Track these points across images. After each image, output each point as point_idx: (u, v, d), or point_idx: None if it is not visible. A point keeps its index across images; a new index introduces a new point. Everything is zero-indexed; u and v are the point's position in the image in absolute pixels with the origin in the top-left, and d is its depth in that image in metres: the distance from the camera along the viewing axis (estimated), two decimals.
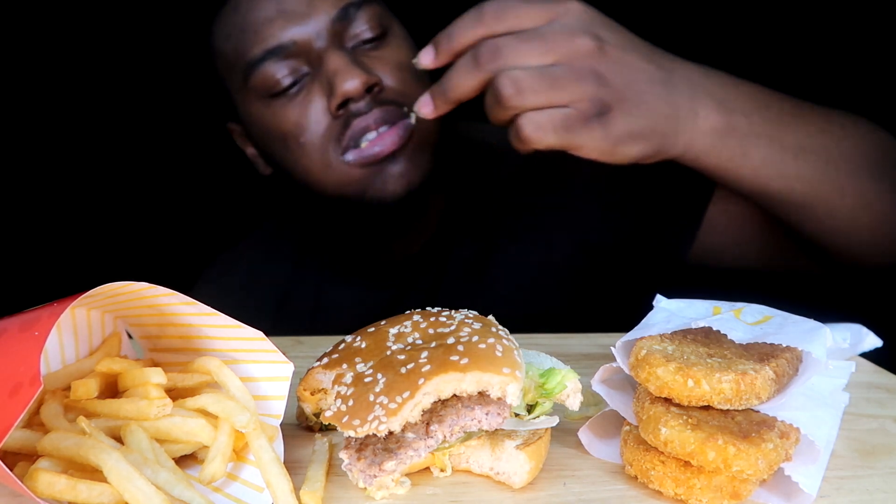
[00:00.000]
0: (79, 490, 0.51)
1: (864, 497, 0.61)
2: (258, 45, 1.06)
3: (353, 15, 1.06)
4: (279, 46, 1.05)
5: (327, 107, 1.04)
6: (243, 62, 1.08)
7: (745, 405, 0.60)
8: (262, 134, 1.13)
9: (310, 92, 1.06)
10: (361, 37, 1.07)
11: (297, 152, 1.08)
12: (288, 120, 1.07)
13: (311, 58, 1.06)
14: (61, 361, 0.66)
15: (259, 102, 1.09)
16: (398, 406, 0.56)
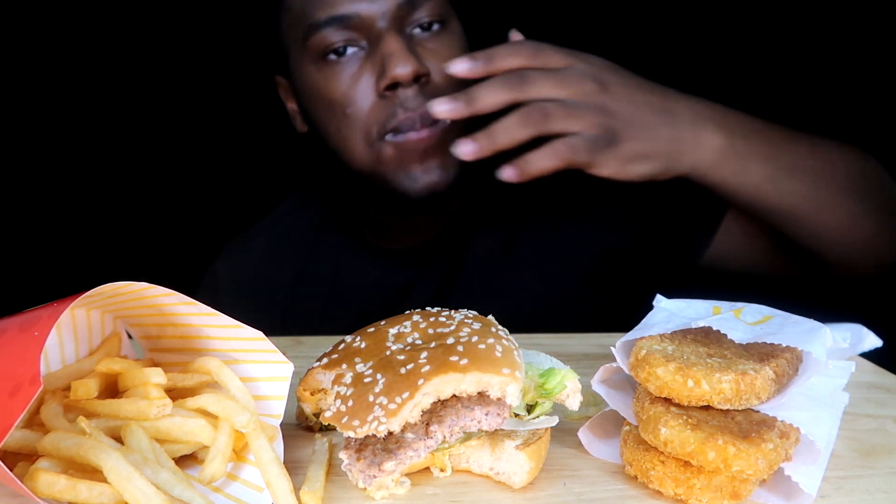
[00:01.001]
0: (79, 490, 0.51)
1: (864, 497, 0.61)
2: (324, 10, 1.10)
3: (418, 2, 1.11)
4: (343, 16, 1.09)
5: (375, 85, 1.10)
6: (306, 22, 1.12)
7: (745, 405, 0.60)
8: (310, 94, 1.18)
9: (362, 67, 1.11)
10: (420, 22, 1.12)
11: (340, 121, 1.13)
12: (338, 88, 1.12)
13: (370, 34, 1.10)
14: (61, 361, 0.66)
15: (313, 64, 1.14)
16: (398, 407, 0.56)
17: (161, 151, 2.13)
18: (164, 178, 2.14)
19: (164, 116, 2.10)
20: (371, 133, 1.11)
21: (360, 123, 1.11)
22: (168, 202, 2.14)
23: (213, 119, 2.07)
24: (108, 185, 2.11)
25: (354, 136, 1.13)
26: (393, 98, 1.09)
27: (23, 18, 2.01)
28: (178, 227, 2.10)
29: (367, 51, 1.11)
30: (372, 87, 1.10)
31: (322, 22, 1.10)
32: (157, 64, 2.05)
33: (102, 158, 2.11)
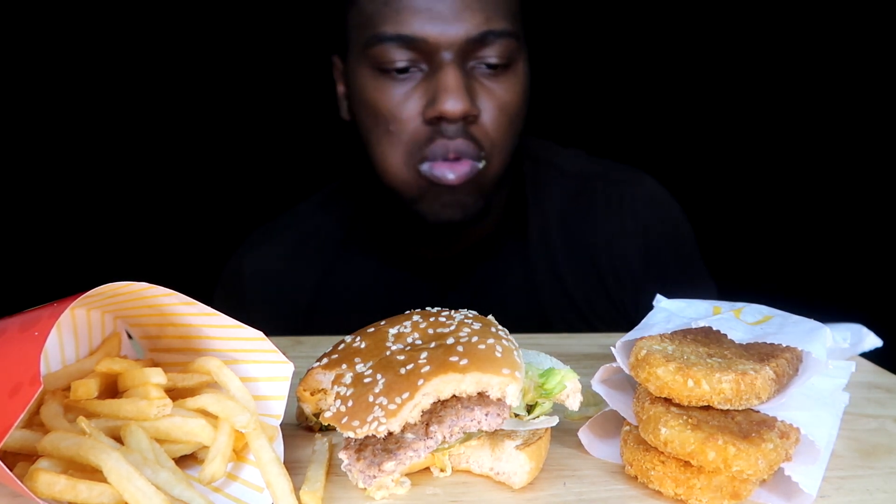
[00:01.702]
0: (79, 490, 0.51)
1: (864, 497, 0.61)
2: (392, 25, 1.09)
3: (489, 41, 1.10)
4: (411, 37, 1.08)
5: (423, 112, 1.10)
6: (372, 31, 1.11)
7: (745, 405, 0.60)
8: (359, 98, 1.18)
9: (416, 89, 1.11)
10: (485, 60, 1.11)
11: (382, 134, 1.14)
12: (387, 103, 1.12)
13: (431, 60, 1.10)
14: (61, 361, 0.66)
15: (369, 71, 1.14)
16: (397, 407, 0.56)
17: (166, 148, 2.13)
18: (168, 175, 2.14)
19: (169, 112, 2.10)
20: (408, 155, 1.12)
21: (401, 143, 1.12)
22: (171, 200, 2.14)
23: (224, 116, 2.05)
24: (109, 183, 2.11)
25: (393, 153, 1.13)
26: (437, 129, 1.09)
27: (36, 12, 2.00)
28: (181, 225, 2.09)
29: (425, 74, 1.11)
30: (419, 112, 1.10)
31: (388, 36, 1.09)
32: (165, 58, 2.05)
33: (104, 156, 2.11)
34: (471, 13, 1.08)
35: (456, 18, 1.07)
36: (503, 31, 1.10)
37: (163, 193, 2.13)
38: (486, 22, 1.08)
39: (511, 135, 1.14)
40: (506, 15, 1.11)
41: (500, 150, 1.14)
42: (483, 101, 1.10)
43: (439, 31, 1.07)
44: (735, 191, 1.98)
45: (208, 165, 2.08)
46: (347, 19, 1.17)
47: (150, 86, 2.09)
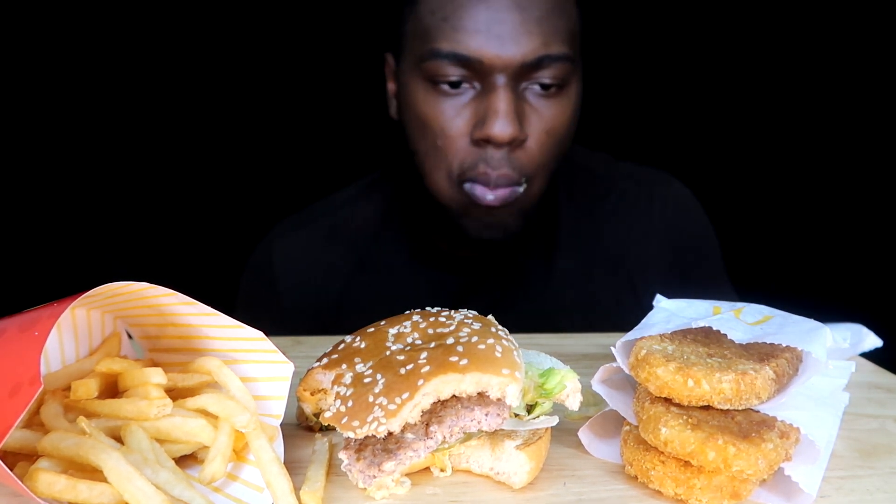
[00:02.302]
0: (79, 490, 0.51)
1: (864, 497, 0.61)
2: (449, 42, 1.09)
3: (544, 65, 1.10)
4: (466, 56, 1.08)
5: (471, 131, 1.10)
6: (429, 46, 1.11)
7: (745, 405, 0.60)
8: (409, 106, 1.18)
9: (465, 107, 1.11)
10: (538, 80, 1.11)
11: (430, 147, 1.14)
12: (437, 117, 1.12)
13: (485, 81, 1.10)
14: (61, 361, 0.66)
15: (421, 83, 1.13)
16: (397, 407, 0.55)
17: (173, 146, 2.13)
18: (164, 178, 2.14)
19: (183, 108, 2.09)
20: (452, 172, 1.12)
21: (446, 159, 1.12)
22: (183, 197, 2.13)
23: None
24: (110, 182, 2.11)
25: (438, 167, 1.14)
26: (483, 149, 1.10)
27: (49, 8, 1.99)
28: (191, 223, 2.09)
29: (477, 92, 1.11)
30: (467, 130, 1.10)
31: (443, 53, 1.09)
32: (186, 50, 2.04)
33: (102, 157, 2.11)
34: (528, 37, 1.07)
35: (513, 41, 1.07)
36: (559, 56, 1.10)
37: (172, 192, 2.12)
38: (543, 46, 1.08)
39: (556, 156, 1.15)
40: (564, 38, 1.11)
41: (543, 171, 1.14)
42: (532, 124, 1.11)
43: (495, 52, 1.07)
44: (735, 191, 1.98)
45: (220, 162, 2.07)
46: (405, 26, 1.17)
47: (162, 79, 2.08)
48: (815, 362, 0.63)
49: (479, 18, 1.07)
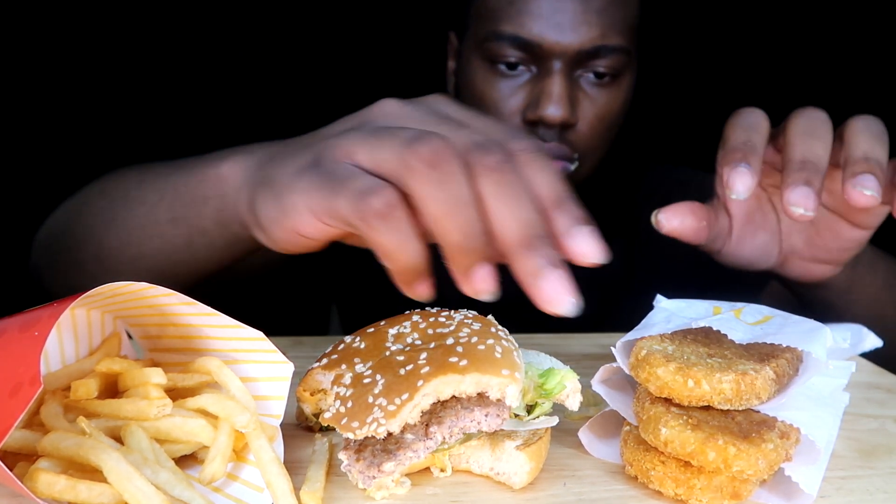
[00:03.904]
0: (79, 490, 0.51)
1: (864, 497, 0.61)
2: (511, 25, 1.11)
3: (601, 55, 1.12)
4: (527, 40, 1.10)
5: (523, 111, 1.13)
6: (491, 28, 1.13)
7: (745, 405, 0.60)
8: (466, 84, 1.21)
9: (521, 88, 1.14)
10: (593, 69, 1.13)
11: None
12: (492, 96, 1.15)
13: (541, 65, 1.12)
14: (61, 361, 0.66)
15: (479, 61, 1.16)
16: (397, 408, 0.55)
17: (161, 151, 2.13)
18: None
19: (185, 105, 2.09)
20: None
21: None
22: None
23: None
24: None
25: None
26: (534, 130, 1.12)
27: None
28: None
29: (533, 75, 1.13)
30: (520, 110, 1.13)
31: (505, 35, 1.11)
32: None
33: (106, 154, 2.11)
34: (588, 26, 1.09)
35: (573, 29, 1.09)
36: (616, 47, 1.12)
37: None
38: (601, 37, 1.10)
39: (605, 141, 1.18)
40: (622, 30, 1.13)
41: (592, 155, 1.17)
42: (583, 110, 1.13)
43: (555, 39, 1.09)
44: None
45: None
46: (471, 7, 1.20)
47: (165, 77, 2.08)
48: (816, 362, 0.63)
49: (542, 4, 1.10)
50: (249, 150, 0.75)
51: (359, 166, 0.55)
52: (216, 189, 0.77)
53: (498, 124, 0.60)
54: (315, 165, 0.57)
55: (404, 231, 0.52)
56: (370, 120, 0.61)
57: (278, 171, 0.62)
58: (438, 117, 0.59)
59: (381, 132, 0.55)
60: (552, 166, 0.56)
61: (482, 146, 0.53)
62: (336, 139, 0.58)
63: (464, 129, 0.56)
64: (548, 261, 0.50)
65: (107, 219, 0.93)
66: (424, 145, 0.51)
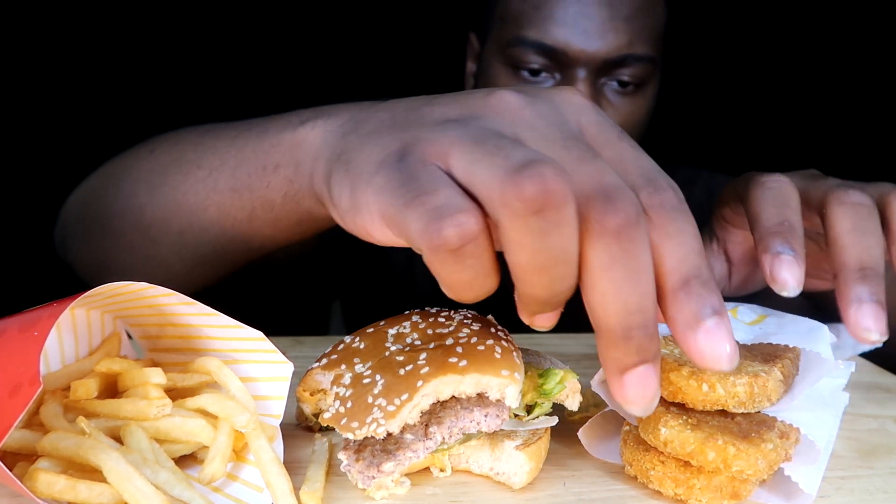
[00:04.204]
0: (78, 490, 0.51)
1: (864, 497, 0.61)
2: (536, 31, 1.08)
3: (627, 64, 1.09)
4: (552, 47, 1.07)
5: None
6: (515, 33, 1.10)
7: (757, 408, 0.59)
8: (487, 85, 1.17)
9: None
10: (618, 78, 1.11)
11: None
12: None
13: (566, 73, 1.09)
14: (61, 361, 0.66)
15: (502, 66, 1.13)
16: (396, 409, 0.55)
17: None
18: None
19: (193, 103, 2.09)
20: None
21: None
22: None
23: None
24: None
25: None
26: None
27: None
28: None
29: (556, 83, 1.10)
30: None
31: (529, 41, 1.09)
32: None
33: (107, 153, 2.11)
34: (615, 34, 1.07)
35: (599, 37, 1.07)
36: (643, 56, 1.09)
37: None
38: (628, 45, 1.08)
39: None
40: (649, 38, 1.10)
41: None
42: None
43: (580, 47, 1.07)
44: None
45: None
46: (495, 9, 1.17)
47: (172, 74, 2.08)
48: (824, 362, 0.63)
49: (568, 11, 1.07)
50: (332, 112, 0.63)
51: (449, 174, 0.44)
52: (290, 156, 0.66)
53: (640, 155, 0.48)
54: (399, 159, 0.46)
55: (475, 269, 0.42)
56: (481, 114, 0.48)
57: (358, 155, 0.51)
58: (566, 134, 0.46)
59: (488, 141, 0.43)
60: (693, 227, 0.45)
61: (608, 197, 0.41)
62: (432, 132, 0.46)
63: (595, 160, 0.43)
64: (648, 366, 0.43)
65: (154, 183, 0.82)
66: (533, 183, 0.38)
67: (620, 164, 0.46)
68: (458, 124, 0.47)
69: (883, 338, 0.63)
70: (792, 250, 0.66)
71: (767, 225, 0.69)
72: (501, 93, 0.49)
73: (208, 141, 0.78)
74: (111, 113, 2.09)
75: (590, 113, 0.49)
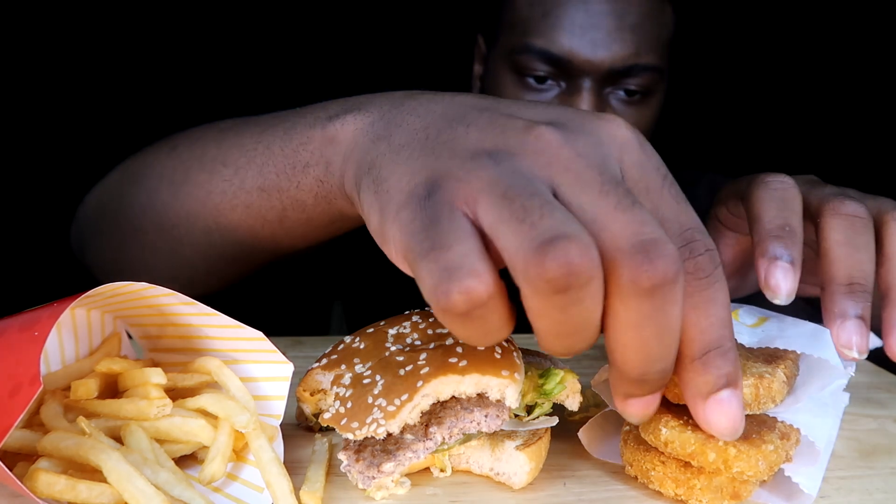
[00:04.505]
0: (79, 490, 0.51)
1: (864, 497, 0.61)
2: (542, 39, 1.08)
3: (633, 73, 1.09)
4: (557, 56, 1.07)
5: None
6: (522, 40, 1.10)
7: (762, 409, 0.59)
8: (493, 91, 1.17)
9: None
10: (624, 86, 1.10)
11: None
12: None
13: (571, 82, 1.09)
14: (61, 361, 0.66)
15: (507, 72, 1.13)
16: (396, 409, 0.55)
17: None
18: None
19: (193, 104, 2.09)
20: None
21: None
22: None
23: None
24: None
25: None
26: None
27: None
28: None
29: (562, 91, 1.10)
30: None
31: (535, 49, 1.08)
32: None
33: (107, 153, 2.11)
34: (621, 44, 1.06)
35: (605, 47, 1.06)
36: (648, 66, 1.09)
37: None
38: (634, 55, 1.07)
39: None
40: (655, 48, 1.10)
41: None
42: None
43: (586, 56, 1.06)
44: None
45: None
46: (503, 14, 1.17)
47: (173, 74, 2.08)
48: (832, 369, 0.63)
49: (574, 20, 1.06)
50: (362, 107, 0.59)
51: (475, 221, 0.42)
52: (320, 155, 0.62)
53: (682, 207, 0.45)
54: (427, 195, 0.44)
55: (484, 328, 0.42)
56: (517, 150, 0.45)
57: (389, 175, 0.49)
58: (606, 177, 0.43)
59: (518, 197, 0.41)
60: (723, 294, 0.44)
61: (646, 252, 0.39)
62: (462, 169, 0.44)
63: (634, 208, 0.41)
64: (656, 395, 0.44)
65: (177, 181, 0.78)
66: (557, 263, 0.37)
67: (658, 217, 0.44)
68: (492, 161, 0.44)
69: (862, 356, 0.64)
70: (790, 257, 0.65)
71: (769, 227, 0.68)
72: (541, 130, 0.45)
73: (231, 137, 0.75)
74: (115, 112, 2.10)
75: (634, 151, 0.46)
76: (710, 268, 0.42)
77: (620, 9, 1.07)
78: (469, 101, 0.51)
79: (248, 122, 0.75)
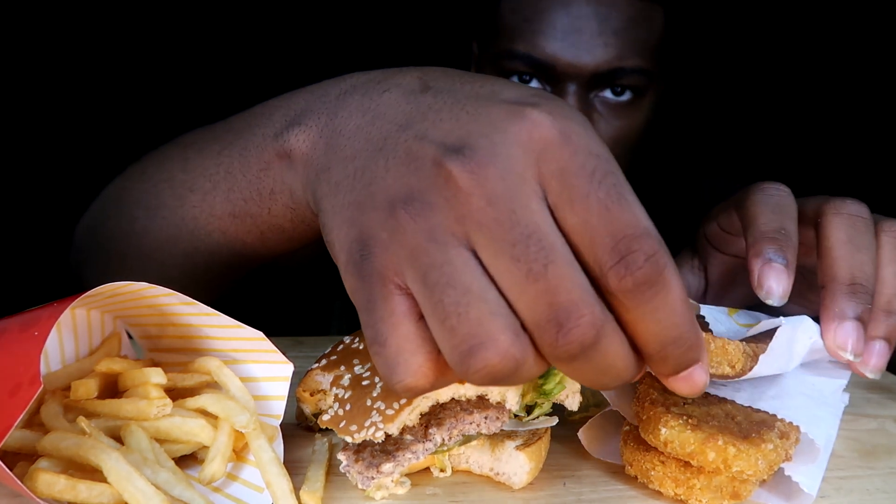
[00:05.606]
0: (78, 490, 0.51)
1: (864, 497, 0.61)
2: (525, 44, 1.08)
3: (618, 76, 1.08)
4: (540, 61, 1.07)
5: None
6: (506, 45, 1.10)
7: (715, 370, 0.60)
8: None
9: None
10: (614, 87, 1.10)
11: None
12: None
13: (556, 86, 1.09)
14: (61, 361, 0.66)
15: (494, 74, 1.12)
16: (395, 412, 0.55)
17: None
18: None
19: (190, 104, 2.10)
20: None
21: None
22: None
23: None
24: None
25: None
26: None
27: None
28: None
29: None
30: None
31: (519, 54, 1.08)
32: None
33: (107, 153, 2.11)
34: (605, 48, 1.06)
35: (588, 51, 1.06)
36: (634, 69, 1.08)
37: None
38: (618, 59, 1.06)
39: (624, 163, 1.12)
40: (642, 51, 1.09)
41: None
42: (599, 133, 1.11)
43: (569, 60, 1.06)
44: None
45: None
46: (490, 22, 1.17)
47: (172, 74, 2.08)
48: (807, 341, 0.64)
49: (557, 24, 1.06)
50: (302, 118, 0.56)
51: (406, 293, 0.42)
52: (282, 181, 0.60)
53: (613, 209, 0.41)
54: (361, 259, 0.44)
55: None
56: (430, 199, 0.42)
57: (329, 219, 0.48)
58: (517, 233, 0.40)
59: (437, 283, 0.40)
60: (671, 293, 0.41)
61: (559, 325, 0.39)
62: (388, 232, 0.43)
63: (546, 273, 0.39)
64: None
65: (151, 205, 0.76)
66: (479, 373, 0.40)
67: (587, 232, 0.41)
68: (408, 216, 0.42)
69: (857, 358, 0.64)
70: (784, 259, 0.65)
71: (763, 230, 0.68)
72: (450, 169, 0.41)
73: (194, 158, 0.73)
74: (115, 112, 2.10)
75: (554, 155, 0.42)
76: (654, 276, 0.40)
77: (604, 13, 1.06)
78: (397, 108, 0.48)
79: (206, 137, 0.73)
